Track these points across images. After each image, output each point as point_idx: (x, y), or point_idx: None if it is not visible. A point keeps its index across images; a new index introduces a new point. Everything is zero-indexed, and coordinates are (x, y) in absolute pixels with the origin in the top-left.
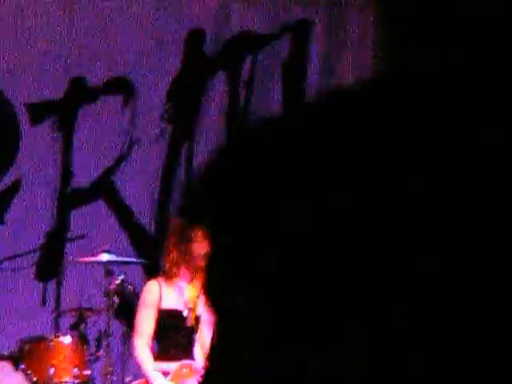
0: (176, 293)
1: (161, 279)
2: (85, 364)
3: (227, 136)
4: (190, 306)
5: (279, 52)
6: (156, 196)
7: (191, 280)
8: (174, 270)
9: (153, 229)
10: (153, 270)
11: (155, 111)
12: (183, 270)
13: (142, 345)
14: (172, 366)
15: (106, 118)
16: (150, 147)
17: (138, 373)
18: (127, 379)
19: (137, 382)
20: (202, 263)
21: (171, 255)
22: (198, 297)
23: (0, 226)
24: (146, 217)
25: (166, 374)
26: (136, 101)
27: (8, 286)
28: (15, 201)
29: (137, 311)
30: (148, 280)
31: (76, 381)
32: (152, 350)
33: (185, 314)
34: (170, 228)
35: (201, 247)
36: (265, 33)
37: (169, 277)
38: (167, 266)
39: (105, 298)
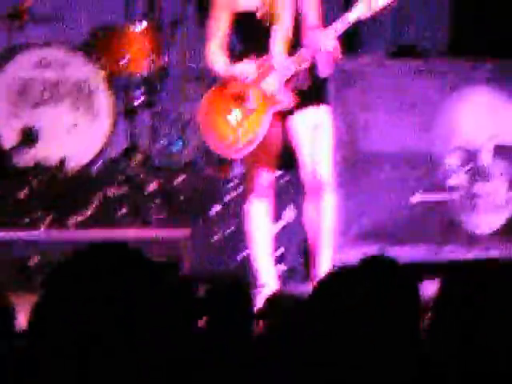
0: None
1: None
2: (160, 51)
3: None
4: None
5: None
6: None
7: None
8: None
9: None
10: None
11: None
12: None
13: (214, 48)
14: (248, 67)
15: None
16: None
17: None
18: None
19: None
20: None
21: None
22: None
23: None
24: None
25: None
26: None
27: None
28: None
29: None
30: None
31: (151, 68)
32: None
33: (259, 12)
34: None
35: None
36: None
37: None
38: None
39: None
